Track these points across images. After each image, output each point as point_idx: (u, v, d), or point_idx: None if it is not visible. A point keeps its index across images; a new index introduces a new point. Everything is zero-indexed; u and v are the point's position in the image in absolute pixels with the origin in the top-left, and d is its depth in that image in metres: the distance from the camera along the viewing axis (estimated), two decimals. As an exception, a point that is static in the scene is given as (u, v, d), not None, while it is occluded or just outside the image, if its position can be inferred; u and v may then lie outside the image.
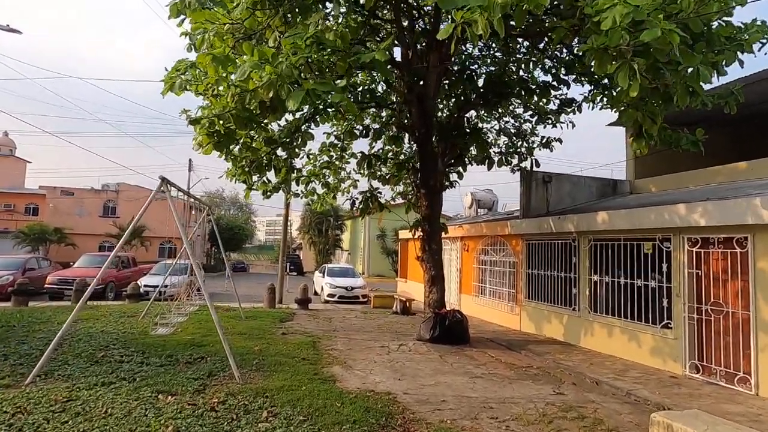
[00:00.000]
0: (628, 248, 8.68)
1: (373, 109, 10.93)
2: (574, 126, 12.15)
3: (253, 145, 9.00)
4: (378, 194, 10.68)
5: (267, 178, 11.39)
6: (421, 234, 9.96)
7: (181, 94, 6.78)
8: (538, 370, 7.64)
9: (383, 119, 11.21)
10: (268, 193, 12.05)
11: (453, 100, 9.04)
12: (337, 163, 12.62)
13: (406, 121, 9.44)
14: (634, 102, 6.07)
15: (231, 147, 7.45)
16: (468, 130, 9.23)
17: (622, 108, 6.57)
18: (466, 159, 10.23)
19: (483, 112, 9.56)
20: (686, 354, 7.43)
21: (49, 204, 35.07)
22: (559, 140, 11.04)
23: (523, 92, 8.92)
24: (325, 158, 12.45)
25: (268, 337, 9.00)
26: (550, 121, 12.02)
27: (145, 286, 15.30)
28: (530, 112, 12.15)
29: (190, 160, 33.31)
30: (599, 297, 9.41)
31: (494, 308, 13.01)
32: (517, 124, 12.58)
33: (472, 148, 9.61)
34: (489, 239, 13.51)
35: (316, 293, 20.54)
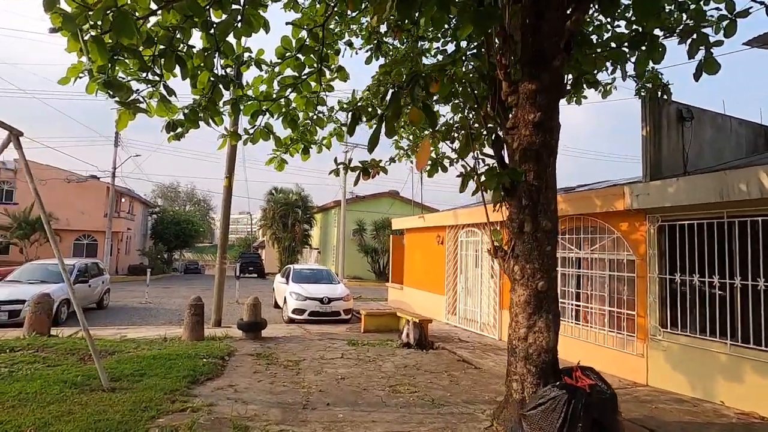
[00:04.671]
0: None
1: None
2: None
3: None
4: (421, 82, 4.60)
5: (167, 88, 5.53)
6: (511, 198, 4.41)
7: None
8: None
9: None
10: (178, 128, 6.18)
11: None
12: (312, 84, 6.80)
13: None
14: None
15: None
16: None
17: None
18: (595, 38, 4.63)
19: None
20: None
21: None
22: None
23: None
24: (291, 72, 6.64)
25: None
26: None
27: (-18, 303, 9.04)
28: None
29: (116, 133, 26.42)
30: None
31: (581, 338, 7.64)
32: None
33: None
34: (568, 222, 8.12)
35: (277, 306, 14.63)
